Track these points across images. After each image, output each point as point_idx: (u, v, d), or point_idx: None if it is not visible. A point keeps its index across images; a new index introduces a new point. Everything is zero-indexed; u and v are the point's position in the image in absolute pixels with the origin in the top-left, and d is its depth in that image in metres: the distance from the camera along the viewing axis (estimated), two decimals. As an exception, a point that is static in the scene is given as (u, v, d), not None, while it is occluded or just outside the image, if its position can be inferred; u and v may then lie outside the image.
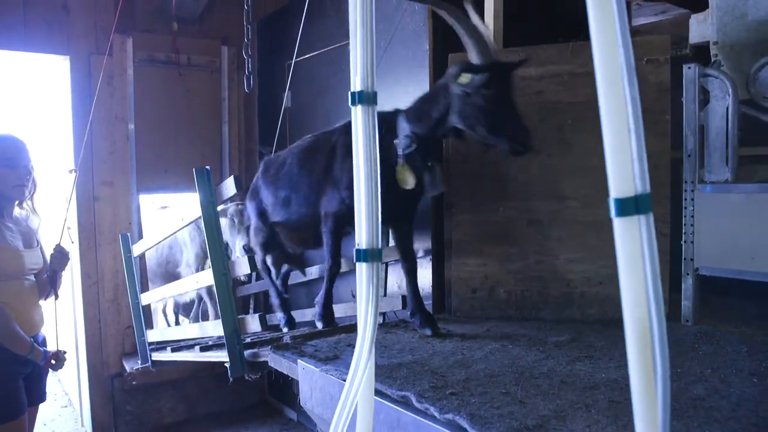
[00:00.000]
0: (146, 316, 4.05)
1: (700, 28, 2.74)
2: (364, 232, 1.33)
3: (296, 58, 4.05)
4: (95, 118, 4.10)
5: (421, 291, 3.17)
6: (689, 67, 2.44)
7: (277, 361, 2.43)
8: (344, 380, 2.01)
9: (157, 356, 3.81)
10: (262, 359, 2.57)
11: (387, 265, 3.21)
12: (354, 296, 3.74)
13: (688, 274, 2.52)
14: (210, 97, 4.68)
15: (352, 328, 2.89)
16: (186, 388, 4.55)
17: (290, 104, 4.10)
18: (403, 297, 2.96)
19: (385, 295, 3.18)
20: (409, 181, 2.46)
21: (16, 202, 2.59)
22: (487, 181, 2.90)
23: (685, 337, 2.42)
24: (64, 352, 2.67)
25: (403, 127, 2.50)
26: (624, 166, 0.85)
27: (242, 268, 2.53)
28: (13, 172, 2.46)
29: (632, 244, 0.85)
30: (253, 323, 2.56)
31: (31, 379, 2.63)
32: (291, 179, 2.90)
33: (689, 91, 2.44)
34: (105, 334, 4.26)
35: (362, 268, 1.35)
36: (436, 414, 1.70)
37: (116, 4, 4.17)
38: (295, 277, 3.82)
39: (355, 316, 3.32)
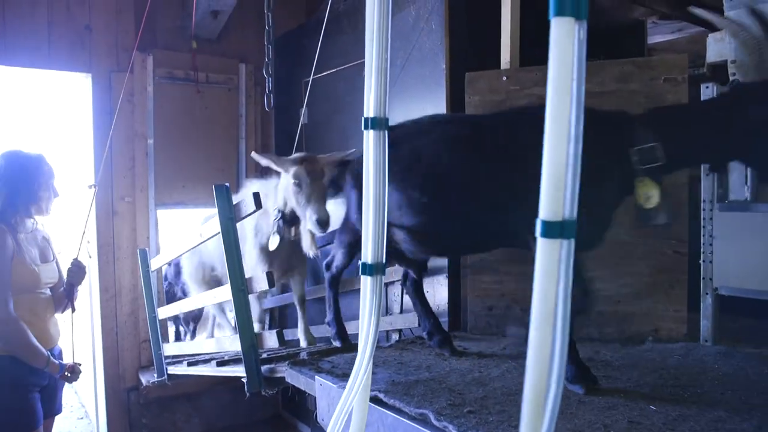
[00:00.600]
0: (162, 330, 4.07)
1: (718, 46, 2.74)
2: (370, 247, 1.36)
3: (313, 75, 4.10)
4: (115, 134, 4.17)
5: (436, 308, 3.20)
6: (707, 86, 2.45)
7: (294, 377, 2.44)
8: (362, 397, 2.03)
9: (173, 370, 3.84)
10: (279, 375, 2.58)
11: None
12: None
13: (707, 293, 2.51)
14: (227, 114, 4.74)
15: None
16: (201, 402, 4.57)
17: (306, 121, 4.15)
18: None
19: (401, 311, 3.19)
20: (653, 199, 2.07)
21: (34, 216, 2.64)
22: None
23: (705, 357, 2.41)
24: (80, 365, 2.70)
25: (646, 137, 2.06)
26: (556, 191, 0.89)
27: (260, 284, 2.55)
28: (35, 185, 2.51)
29: (551, 265, 0.89)
30: (270, 339, 2.58)
31: (47, 392, 2.66)
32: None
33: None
34: (122, 347, 4.30)
35: (367, 282, 1.37)
36: (454, 432, 1.71)
37: (137, 23, 4.26)
38: (308, 294, 3.84)
39: (381, 330, 3.32)
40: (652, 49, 4.50)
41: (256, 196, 2.47)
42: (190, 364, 3.62)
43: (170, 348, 3.95)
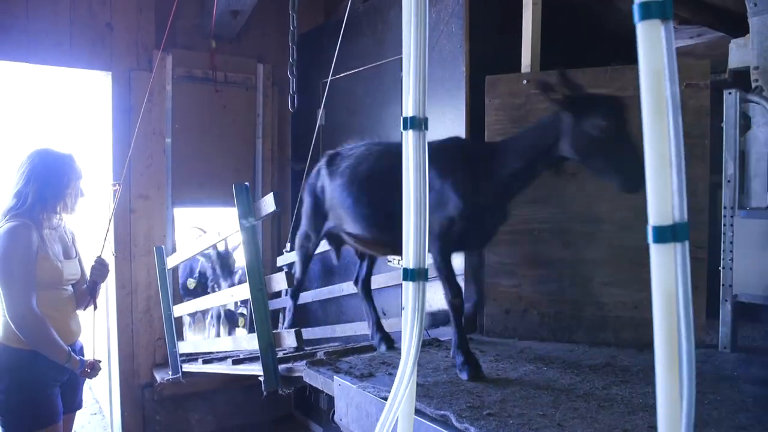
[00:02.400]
0: (177, 327, 4.10)
1: (740, 52, 2.74)
2: (411, 252, 1.36)
3: (331, 77, 4.12)
4: (134, 132, 4.20)
5: (452, 310, 3.20)
6: (730, 93, 2.44)
7: (312, 377, 2.45)
8: (382, 398, 2.04)
9: (187, 367, 3.86)
10: (297, 374, 2.59)
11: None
12: (384, 313, 3.76)
13: (726, 300, 2.50)
14: (245, 114, 4.76)
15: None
16: (215, 400, 4.59)
17: (324, 122, 4.16)
18: (432, 314, 2.96)
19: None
20: None
21: (59, 213, 2.67)
22: (523, 204, 2.91)
23: (724, 364, 2.40)
24: (99, 362, 2.73)
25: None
26: (664, 195, 0.89)
27: (279, 283, 2.56)
28: (62, 183, 2.54)
29: (667, 271, 0.90)
30: (288, 339, 2.59)
31: (67, 387, 2.68)
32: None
33: (730, 116, 2.44)
34: (137, 344, 4.33)
35: (409, 288, 1.37)
36: (475, 435, 1.71)
37: (157, 22, 4.30)
38: (320, 295, 3.86)
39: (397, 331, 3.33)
40: (670, 54, 4.47)
41: (276, 196, 2.48)
42: (205, 362, 3.64)
43: (185, 346, 3.97)
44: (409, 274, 1.37)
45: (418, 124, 1.36)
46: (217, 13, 4.07)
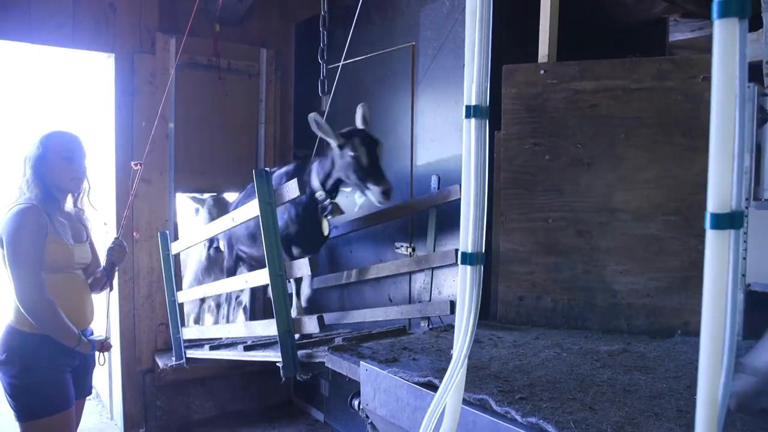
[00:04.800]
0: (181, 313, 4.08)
1: (753, 47, 2.79)
2: (470, 236, 1.38)
3: (336, 63, 4.10)
4: (136, 116, 4.15)
5: (463, 297, 3.24)
6: (748, 86, 2.48)
7: (335, 362, 2.47)
8: (414, 383, 2.07)
9: (192, 354, 3.85)
10: (318, 360, 2.60)
11: (433, 270, 3.25)
12: (391, 300, 3.79)
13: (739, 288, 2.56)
14: (247, 102, 4.72)
15: (401, 332, 2.94)
16: (215, 386, 4.59)
17: (328, 109, 4.15)
18: (451, 302, 2.99)
19: (430, 299, 3.22)
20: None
21: (70, 197, 2.64)
22: (538, 192, 2.95)
23: (738, 352, 2.46)
24: (108, 338, 2.72)
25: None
26: (725, 184, 0.95)
27: (302, 269, 2.57)
28: (71, 165, 2.52)
29: (721, 256, 0.96)
30: (310, 324, 2.60)
31: (78, 373, 2.67)
32: None
33: (747, 109, 2.49)
34: (138, 329, 4.30)
35: (466, 271, 1.39)
36: (518, 417, 1.74)
37: (161, 3, 4.23)
38: (327, 281, 3.88)
39: (395, 320, 3.35)
40: (672, 47, 4.54)
41: (300, 182, 2.48)
42: (212, 348, 3.63)
43: (189, 331, 3.95)
44: (467, 258, 1.38)
45: (481, 112, 1.37)
46: (223, -5, 4.02)
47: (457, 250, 3.08)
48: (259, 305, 4.58)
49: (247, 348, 3.19)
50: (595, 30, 3.97)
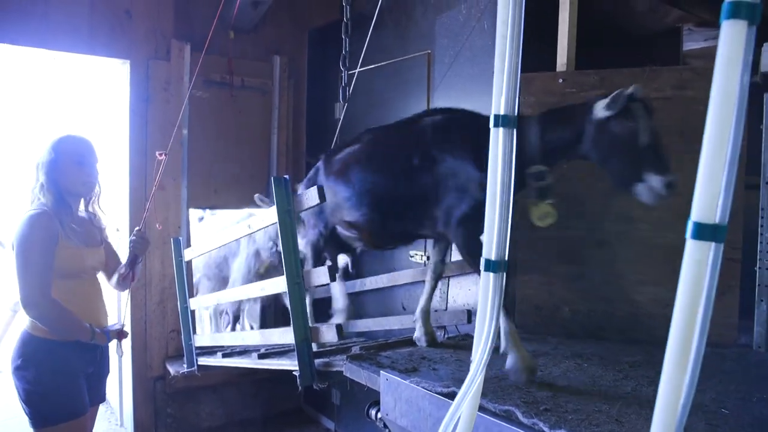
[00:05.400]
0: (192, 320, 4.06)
1: (770, 57, 2.78)
2: (494, 243, 1.37)
3: (351, 70, 4.09)
4: (150, 122, 4.15)
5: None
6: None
7: (354, 372, 2.45)
8: (436, 393, 2.05)
9: (204, 361, 3.83)
10: (335, 369, 2.58)
11: (449, 279, 3.23)
12: (405, 309, 3.77)
13: (762, 300, 2.54)
14: (261, 119, 4.72)
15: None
16: (225, 394, 4.57)
17: (341, 116, 4.14)
18: (468, 311, 2.97)
19: (446, 308, 3.20)
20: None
21: (82, 201, 2.64)
22: (557, 201, 2.93)
23: (761, 363, 2.44)
24: (123, 325, 2.71)
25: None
26: (712, 194, 0.94)
27: (320, 277, 2.55)
28: (83, 169, 2.52)
29: (698, 269, 0.96)
30: (328, 333, 2.57)
31: (93, 379, 2.65)
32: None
33: (742, 119, 2.47)
34: (150, 336, 4.28)
35: (489, 279, 1.38)
36: (545, 429, 1.72)
37: (176, 9, 4.24)
38: (361, 285, 3.86)
39: (409, 329, 3.33)
40: (686, 56, 4.53)
41: (320, 189, 2.47)
42: (225, 356, 3.61)
43: (202, 339, 3.94)
44: (491, 265, 1.37)
45: (509, 122, 1.36)
46: (239, 3, 4.02)
47: (474, 260, 3.07)
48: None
49: (262, 356, 3.17)
50: (609, 39, 3.96)
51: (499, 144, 1.38)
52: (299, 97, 4.87)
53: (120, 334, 2.68)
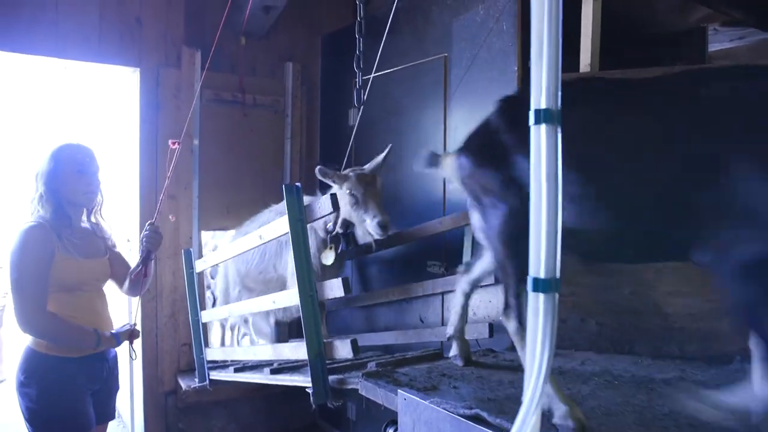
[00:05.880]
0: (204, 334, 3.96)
1: None
2: (543, 258, 1.24)
3: (366, 75, 3.98)
4: (161, 131, 4.07)
5: (500, 319, 3.07)
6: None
7: (370, 390, 2.32)
8: (459, 415, 1.91)
9: (216, 375, 3.72)
10: (350, 386, 2.45)
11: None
12: (422, 321, 3.63)
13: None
14: (273, 138, 4.63)
15: (437, 356, 2.79)
16: (238, 409, 4.45)
17: (356, 122, 4.04)
18: (490, 325, 2.83)
19: (466, 322, 3.06)
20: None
21: (84, 212, 2.55)
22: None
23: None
24: (134, 325, 2.61)
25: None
26: None
27: (334, 290, 2.43)
28: (83, 178, 2.44)
29: None
30: (343, 349, 2.45)
31: (100, 396, 2.56)
32: None
33: None
34: (161, 350, 4.18)
35: (538, 301, 1.25)
36: (580, 458, 1.58)
37: (186, 16, 4.17)
38: (376, 297, 3.73)
39: (426, 342, 3.19)
40: (710, 58, 4.38)
41: (333, 198, 2.36)
42: (237, 370, 3.50)
43: (213, 352, 3.83)
44: (540, 285, 1.24)
45: (552, 117, 1.23)
46: (250, 8, 3.94)
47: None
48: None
49: (274, 371, 3.06)
50: (631, 40, 3.82)
51: (542, 144, 1.24)
52: (312, 104, 4.77)
53: (131, 335, 2.58)
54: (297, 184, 2.56)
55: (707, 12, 3.93)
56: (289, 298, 2.69)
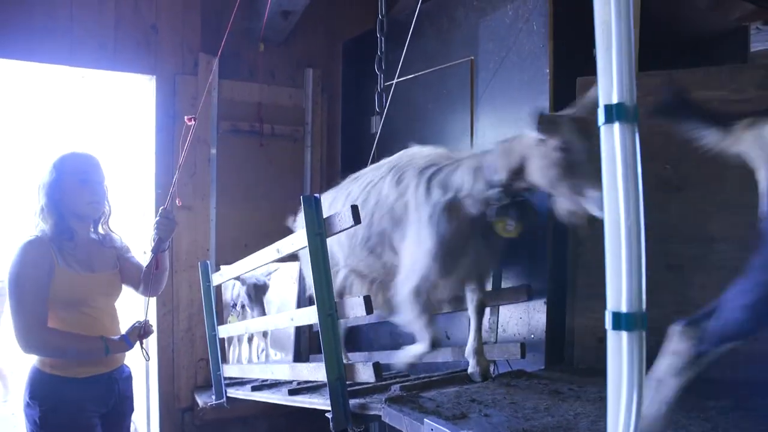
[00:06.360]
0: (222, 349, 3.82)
1: None
2: (624, 288, 1.05)
3: (389, 81, 3.83)
4: (178, 139, 3.96)
5: (531, 337, 2.88)
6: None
7: (394, 418, 2.14)
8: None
9: (233, 393, 3.58)
10: (372, 412, 2.28)
11: (499, 307, 2.91)
12: (448, 338, 3.45)
13: None
14: (292, 168, 4.49)
15: (465, 378, 2.60)
16: (257, 427, 4.31)
17: (379, 129, 3.89)
18: (522, 344, 2.64)
19: (496, 341, 2.88)
20: None
21: (91, 224, 2.43)
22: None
23: None
24: (147, 322, 2.46)
25: None
26: None
27: (355, 309, 2.27)
28: (86, 187, 2.32)
29: None
30: (365, 372, 2.28)
31: (109, 419, 2.43)
32: None
33: None
34: (178, 365, 4.06)
35: (621, 340, 1.05)
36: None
37: (203, 23, 4.07)
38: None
39: (453, 361, 3.01)
40: (752, 58, 4.16)
41: (355, 209, 2.19)
42: (254, 389, 3.36)
43: (231, 369, 3.69)
44: (623, 321, 1.04)
45: (627, 113, 1.04)
46: (268, 14, 3.82)
47: (528, 287, 2.74)
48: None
49: (292, 392, 2.91)
50: (668, 40, 3.63)
51: (616, 146, 1.06)
52: (333, 112, 4.63)
53: (143, 332, 2.43)
54: (316, 195, 2.41)
55: (749, 9, 3.73)
56: (307, 316, 2.54)
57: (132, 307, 2.94)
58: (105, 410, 2.39)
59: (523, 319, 2.93)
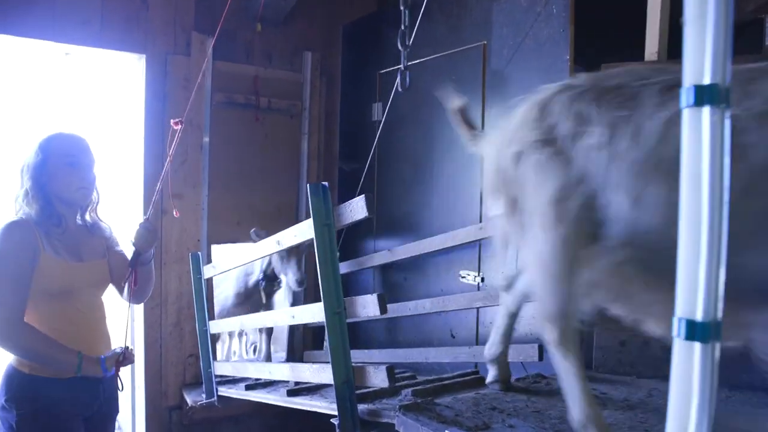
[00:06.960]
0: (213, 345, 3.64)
1: None
2: (700, 294, 0.89)
3: (389, 68, 3.66)
4: (167, 123, 3.74)
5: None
6: None
7: (410, 427, 1.97)
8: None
9: (225, 392, 3.41)
10: (385, 420, 2.12)
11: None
12: (453, 336, 3.30)
13: None
14: (288, 145, 4.29)
15: (480, 381, 2.45)
16: (249, 426, 4.12)
17: (381, 118, 3.70)
18: (540, 346, 2.49)
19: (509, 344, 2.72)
20: None
21: (78, 211, 2.22)
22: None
23: None
24: (128, 348, 2.21)
25: None
26: None
27: (367, 307, 2.09)
28: (75, 171, 2.09)
29: None
30: (377, 377, 2.11)
31: (93, 422, 2.22)
32: None
33: None
34: (165, 361, 3.86)
35: (693, 353, 0.90)
36: None
37: (197, 0, 3.85)
38: (403, 310, 3.36)
39: (460, 363, 2.85)
40: (766, 50, 4.02)
41: (369, 199, 2.02)
42: (248, 387, 3.19)
43: (223, 367, 3.51)
44: (696, 330, 0.90)
45: (719, 96, 0.88)
46: (266, -7, 3.62)
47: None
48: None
49: (291, 392, 2.74)
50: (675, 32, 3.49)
51: (704, 133, 0.89)
52: (332, 97, 4.43)
53: (123, 359, 2.20)
54: (324, 183, 2.23)
55: (764, 1, 3.59)
56: (312, 314, 2.36)
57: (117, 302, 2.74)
58: (89, 413, 2.19)
59: (535, 317, 2.78)
